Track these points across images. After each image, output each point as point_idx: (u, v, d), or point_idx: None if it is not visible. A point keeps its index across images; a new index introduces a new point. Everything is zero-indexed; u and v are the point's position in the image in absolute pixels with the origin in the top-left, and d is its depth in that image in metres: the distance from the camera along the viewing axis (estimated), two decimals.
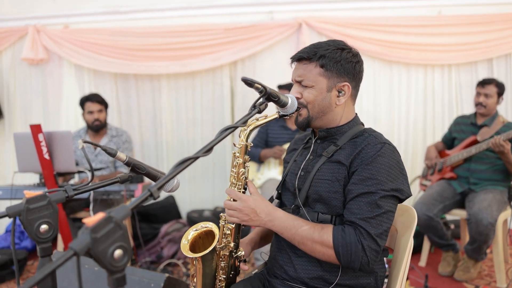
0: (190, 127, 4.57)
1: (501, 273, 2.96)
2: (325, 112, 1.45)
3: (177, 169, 0.96)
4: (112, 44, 4.27)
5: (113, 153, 1.23)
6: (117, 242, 0.71)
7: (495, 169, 3.09)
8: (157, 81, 4.48)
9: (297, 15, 4.27)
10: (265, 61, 4.41)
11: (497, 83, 3.21)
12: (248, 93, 4.46)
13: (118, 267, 0.71)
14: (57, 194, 1.07)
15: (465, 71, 4.34)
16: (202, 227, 1.50)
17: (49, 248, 1.02)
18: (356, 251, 1.27)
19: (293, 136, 3.66)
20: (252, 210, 1.35)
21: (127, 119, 4.53)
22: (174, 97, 4.53)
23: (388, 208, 1.31)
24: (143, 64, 4.31)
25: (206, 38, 4.30)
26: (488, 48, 4.23)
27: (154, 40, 4.30)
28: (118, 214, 0.75)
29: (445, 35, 4.24)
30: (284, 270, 1.45)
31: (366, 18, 4.27)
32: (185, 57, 4.34)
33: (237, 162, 1.41)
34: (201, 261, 1.42)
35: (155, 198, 0.88)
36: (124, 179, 1.26)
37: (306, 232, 1.32)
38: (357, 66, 1.46)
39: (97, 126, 3.45)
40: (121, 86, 4.49)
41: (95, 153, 3.45)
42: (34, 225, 0.98)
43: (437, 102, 4.36)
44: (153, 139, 4.58)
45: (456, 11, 4.24)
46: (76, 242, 0.67)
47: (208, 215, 4.23)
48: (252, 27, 4.27)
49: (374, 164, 1.32)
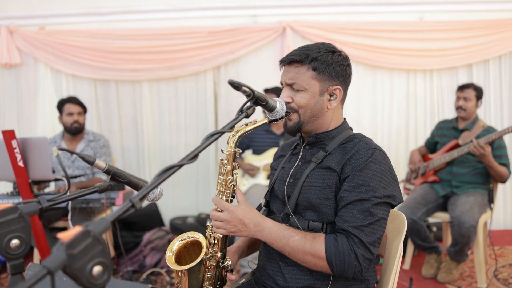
0: (173, 132, 4.49)
1: (481, 274, 3.01)
2: (317, 117, 1.41)
3: (161, 178, 0.90)
4: (92, 46, 4.16)
5: (91, 161, 1.15)
6: (96, 258, 0.65)
7: (476, 173, 3.14)
8: (138, 85, 4.38)
9: (281, 19, 4.25)
10: (249, 65, 4.37)
11: (475, 87, 3.29)
12: (232, 97, 4.42)
13: (98, 285, 0.65)
14: (30, 206, 0.98)
15: (446, 76, 4.40)
16: (189, 237, 1.43)
17: (20, 265, 0.93)
18: (349, 260, 1.24)
19: (278, 141, 3.63)
20: (240, 221, 1.29)
21: (107, 124, 4.42)
22: (156, 102, 4.44)
23: (381, 216, 1.28)
24: (124, 68, 4.22)
25: (189, 41, 4.24)
26: (468, 54, 4.29)
27: (136, 43, 4.20)
28: (97, 227, 0.68)
29: (427, 40, 4.29)
30: (273, 279, 1.41)
31: (350, 23, 4.28)
32: (167, 60, 4.26)
33: (225, 169, 1.35)
34: (187, 273, 1.36)
35: (137, 210, 0.81)
36: (103, 188, 1.19)
37: (297, 243, 1.28)
38: (348, 69, 1.44)
39: (76, 128, 3.32)
40: (100, 90, 4.38)
41: (71, 159, 3.32)
42: (3, 240, 0.89)
43: (419, 106, 4.40)
44: (134, 145, 4.48)
45: (438, 17, 4.30)
46: (50, 259, 0.61)
47: (192, 222, 4.15)
48: (236, 30, 4.23)
49: (366, 170, 1.29)
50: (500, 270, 3.29)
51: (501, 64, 4.34)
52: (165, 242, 3.46)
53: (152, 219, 3.96)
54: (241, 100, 4.40)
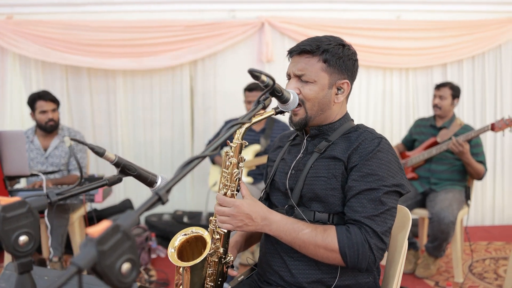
0: (147, 127, 4.38)
1: (458, 269, 3.09)
2: (324, 110, 1.38)
3: (184, 170, 0.86)
4: (64, 38, 3.98)
5: (101, 152, 1.10)
6: (125, 254, 0.61)
7: (454, 170, 3.20)
8: (112, 78, 4.25)
9: (260, 14, 4.21)
10: (227, 60, 4.31)
11: (452, 86, 3.34)
12: (209, 93, 4.35)
13: (126, 283, 0.61)
14: (38, 200, 0.92)
15: (422, 75, 4.47)
16: (193, 232, 1.36)
17: (28, 263, 0.87)
18: (363, 251, 1.22)
19: (258, 138, 3.59)
20: (247, 216, 1.25)
21: (79, 119, 4.27)
22: (131, 96, 4.33)
23: (391, 205, 1.27)
24: (98, 61, 4.08)
25: (166, 35, 4.14)
26: (443, 53, 4.37)
27: (110, 35, 4.06)
28: (126, 222, 0.64)
29: (403, 39, 4.35)
30: (279, 275, 1.37)
31: (328, 20, 4.28)
32: (143, 54, 4.15)
33: (230, 162, 1.29)
34: (190, 270, 1.30)
35: (163, 203, 0.77)
36: (113, 181, 1.14)
37: (307, 236, 1.25)
38: (356, 64, 1.42)
39: (52, 126, 3.15)
40: (72, 83, 4.22)
41: (45, 155, 3.17)
42: (11, 236, 0.82)
43: (395, 104, 4.46)
44: (108, 140, 4.35)
45: (415, 16, 4.36)
46: (80, 256, 0.57)
47: (168, 219, 4.07)
48: (214, 25, 4.16)
49: (374, 159, 1.27)
50: (475, 265, 3.39)
51: (474, 64, 4.45)
52: (143, 239, 3.36)
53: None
54: (218, 96, 4.34)
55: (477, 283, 3.06)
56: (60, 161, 3.16)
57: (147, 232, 3.49)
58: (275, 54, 4.24)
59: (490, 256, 3.57)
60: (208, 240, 1.31)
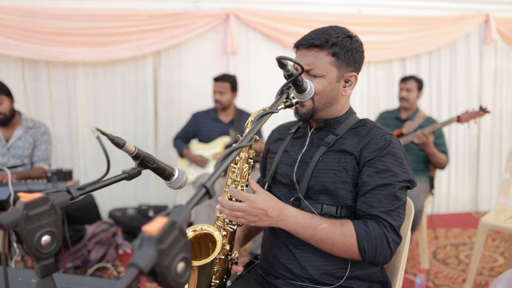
0: (109, 119, 4.25)
1: (425, 255, 3.22)
2: (331, 103, 1.38)
3: (225, 162, 0.85)
4: (20, 25, 3.77)
5: (121, 144, 1.04)
6: (181, 253, 0.58)
7: (419, 160, 3.32)
8: (72, 68, 4.08)
9: (225, 6, 4.18)
10: (191, 51, 4.25)
11: (417, 79, 3.49)
12: (173, 84, 4.28)
13: (181, 284, 0.58)
14: (60, 196, 0.85)
15: (382, 68, 4.61)
16: (202, 229, 1.31)
17: (51, 265, 0.80)
18: (382, 246, 1.23)
19: (226, 129, 3.55)
20: (262, 211, 1.22)
21: (36, 110, 4.07)
22: (92, 87, 4.18)
23: (404, 200, 1.31)
24: (56, 50, 3.90)
25: (129, 24, 4.02)
26: (402, 47, 4.53)
27: (70, 23, 3.89)
28: (180, 217, 0.60)
29: (365, 33, 4.41)
30: (287, 268, 1.36)
31: (292, 13, 4.32)
32: (104, 43, 4.02)
33: (239, 156, 1.27)
34: (197, 269, 1.25)
35: (211, 196, 0.75)
36: (132, 174, 1.09)
37: (325, 231, 1.25)
38: (363, 55, 1.42)
39: (1, 120, 2.99)
40: (29, 73, 4.01)
41: (7, 146, 2.99)
42: (34, 236, 0.76)
43: (357, 97, 4.57)
44: (67, 133, 4.18)
45: (375, 11, 4.48)
46: (139, 256, 0.53)
47: (133, 213, 3.98)
48: (178, 15, 4.09)
49: (388, 156, 1.29)
50: (437, 251, 3.56)
51: (431, 59, 4.64)
52: (110, 235, 3.27)
53: (89, 211, 3.70)
54: (182, 88, 4.27)
55: (442, 268, 3.22)
56: (23, 152, 3.00)
57: (114, 227, 3.40)
58: (240, 46, 4.23)
59: (450, 243, 3.76)
60: (218, 239, 1.27)
